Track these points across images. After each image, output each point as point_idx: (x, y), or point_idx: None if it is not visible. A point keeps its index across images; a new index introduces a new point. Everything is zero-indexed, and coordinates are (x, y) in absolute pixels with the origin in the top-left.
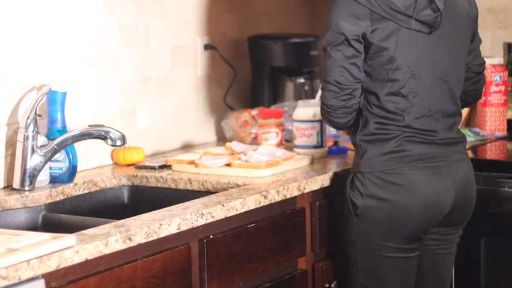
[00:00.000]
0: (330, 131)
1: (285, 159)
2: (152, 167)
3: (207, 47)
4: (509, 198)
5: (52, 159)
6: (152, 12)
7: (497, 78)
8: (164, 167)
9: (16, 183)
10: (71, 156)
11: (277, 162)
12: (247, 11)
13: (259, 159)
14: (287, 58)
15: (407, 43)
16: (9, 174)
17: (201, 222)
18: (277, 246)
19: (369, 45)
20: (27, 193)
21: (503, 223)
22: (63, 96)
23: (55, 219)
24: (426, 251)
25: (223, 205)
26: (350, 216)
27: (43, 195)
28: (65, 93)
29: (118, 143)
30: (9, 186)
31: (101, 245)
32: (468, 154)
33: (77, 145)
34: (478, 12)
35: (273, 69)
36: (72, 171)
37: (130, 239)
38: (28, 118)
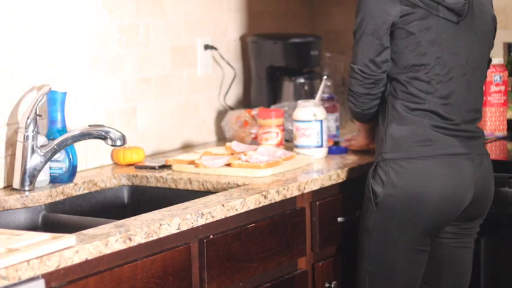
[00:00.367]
0: (330, 131)
1: (285, 159)
2: (152, 167)
3: (207, 47)
4: (509, 198)
5: (52, 159)
6: (152, 12)
7: (497, 78)
8: (164, 167)
9: (16, 183)
10: (71, 156)
11: (277, 162)
12: (247, 11)
13: (259, 159)
14: (287, 58)
15: (434, 30)
16: (9, 174)
17: (201, 222)
18: (277, 246)
19: (397, 30)
20: (27, 193)
21: (503, 223)
22: (63, 96)
23: (55, 219)
24: (444, 244)
25: (223, 205)
26: (370, 204)
27: (43, 195)
28: (65, 93)
29: (118, 143)
30: (9, 186)
31: (101, 245)
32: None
33: (77, 145)
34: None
35: (273, 69)
36: (72, 171)
37: (130, 239)
38: (28, 118)
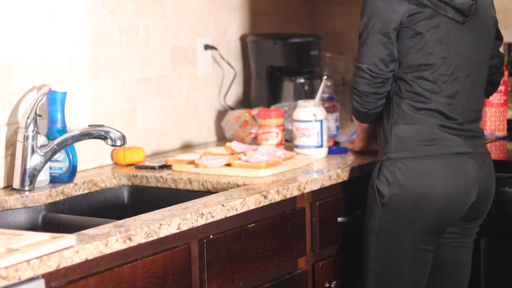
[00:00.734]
0: (330, 131)
1: (285, 159)
2: (152, 167)
3: (207, 47)
4: (509, 198)
5: (52, 159)
6: (152, 12)
7: None
8: (164, 167)
9: (16, 183)
10: (71, 156)
11: (277, 162)
12: (247, 11)
13: (259, 159)
14: (287, 58)
15: (441, 30)
16: (9, 174)
17: (201, 222)
18: (277, 246)
19: (404, 29)
20: (27, 193)
21: (504, 223)
22: (63, 96)
23: (55, 219)
24: (444, 244)
25: (223, 205)
26: (375, 205)
27: (43, 195)
28: (65, 93)
29: (118, 143)
30: (9, 186)
31: (101, 245)
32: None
33: (77, 145)
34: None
35: (273, 69)
36: (72, 171)
37: (130, 239)
38: (28, 118)
